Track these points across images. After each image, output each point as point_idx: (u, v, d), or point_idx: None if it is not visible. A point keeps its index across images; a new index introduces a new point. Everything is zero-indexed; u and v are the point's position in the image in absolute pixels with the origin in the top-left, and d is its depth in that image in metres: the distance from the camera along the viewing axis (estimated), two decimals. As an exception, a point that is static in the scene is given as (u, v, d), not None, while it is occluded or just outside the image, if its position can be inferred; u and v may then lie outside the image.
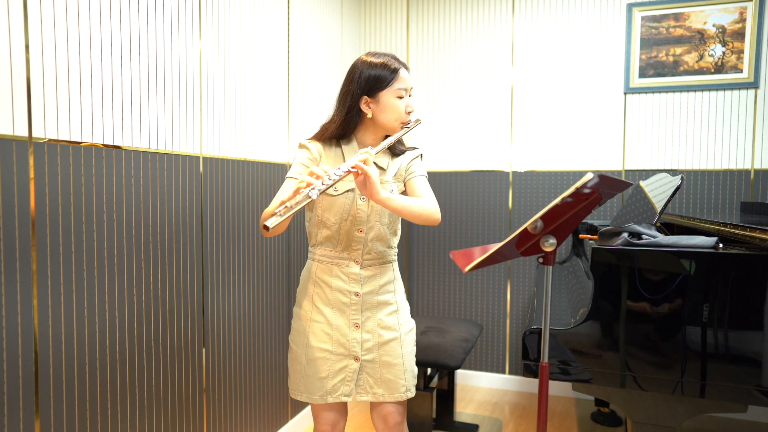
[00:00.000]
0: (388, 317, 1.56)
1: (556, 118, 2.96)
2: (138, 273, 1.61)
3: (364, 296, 1.54)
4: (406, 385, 1.57)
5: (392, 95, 1.50)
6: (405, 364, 1.57)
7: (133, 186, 1.58)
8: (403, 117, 1.52)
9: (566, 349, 1.48)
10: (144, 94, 1.61)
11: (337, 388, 1.54)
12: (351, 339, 1.54)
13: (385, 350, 1.55)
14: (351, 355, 1.54)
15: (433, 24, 3.17)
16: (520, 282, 3.07)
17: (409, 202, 1.42)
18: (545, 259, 1.23)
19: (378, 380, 1.55)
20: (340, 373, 1.55)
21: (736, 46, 2.65)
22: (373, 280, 1.55)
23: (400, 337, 1.57)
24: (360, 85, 1.50)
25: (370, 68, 1.51)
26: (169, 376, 1.74)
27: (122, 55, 1.53)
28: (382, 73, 1.49)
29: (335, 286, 1.54)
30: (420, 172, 1.60)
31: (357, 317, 1.54)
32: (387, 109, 1.51)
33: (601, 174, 1.09)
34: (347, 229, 1.52)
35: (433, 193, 1.58)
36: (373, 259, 1.55)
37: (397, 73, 1.50)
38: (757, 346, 1.33)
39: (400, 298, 1.62)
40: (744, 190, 2.68)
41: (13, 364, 1.26)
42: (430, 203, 1.49)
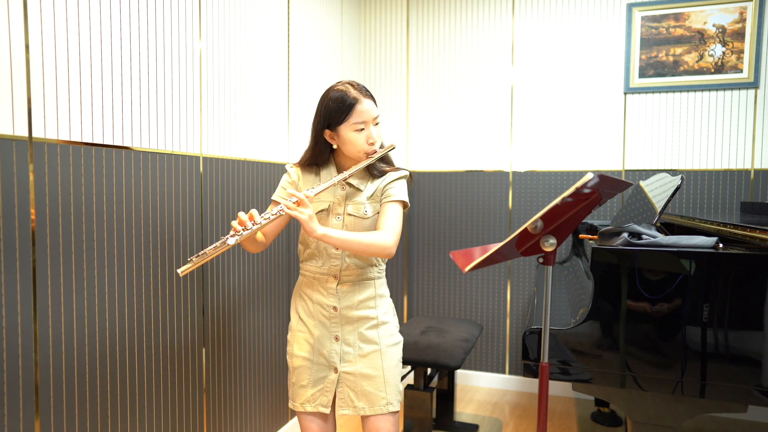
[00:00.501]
0: (368, 331, 1.59)
1: (556, 118, 2.96)
2: (138, 273, 1.61)
3: (342, 311, 1.58)
4: (387, 398, 1.56)
5: (350, 129, 1.50)
6: (386, 376, 1.56)
7: (133, 186, 1.58)
8: (366, 148, 1.52)
9: (566, 349, 1.48)
10: (144, 94, 1.61)
11: (316, 398, 1.59)
12: (330, 350, 1.58)
13: (365, 363, 1.57)
14: (330, 366, 1.59)
15: (433, 24, 3.17)
16: (520, 282, 3.07)
17: (350, 239, 1.43)
18: (545, 259, 1.23)
19: (359, 393, 1.57)
20: (319, 382, 1.59)
21: (736, 46, 2.65)
22: (350, 296, 1.58)
23: (380, 349, 1.58)
24: (321, 118, 1.53)
25: (328, 101, 1.52)
26: (169, 376, 1.74)
27: (122, 55, 1.53)
28: (337, 107, 1.50)
29: (316, 300, 1.60)
30: (395, 196, 1.56)
31: (337, 330, 1.59)
32: (347, 142, 1.52)
33: (601, 174, 1.09)
34: (324, 246, 1.57)
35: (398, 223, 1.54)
36: (351, 275, 1.58)
37: (352, 107, 1.49)
38: (757, 346, 1.33)
39: (383, 313, 1.61)
40: (744, 190, 2.68)
41: (13, 364, 1.26)
42: (377, 237, 1.47)
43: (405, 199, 1.57)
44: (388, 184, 1.58)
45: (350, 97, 1.50)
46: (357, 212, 1.57)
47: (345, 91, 1.51)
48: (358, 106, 1.49)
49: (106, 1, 1.47)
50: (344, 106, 1.49)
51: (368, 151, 1.53)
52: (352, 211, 1.57)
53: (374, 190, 1.59)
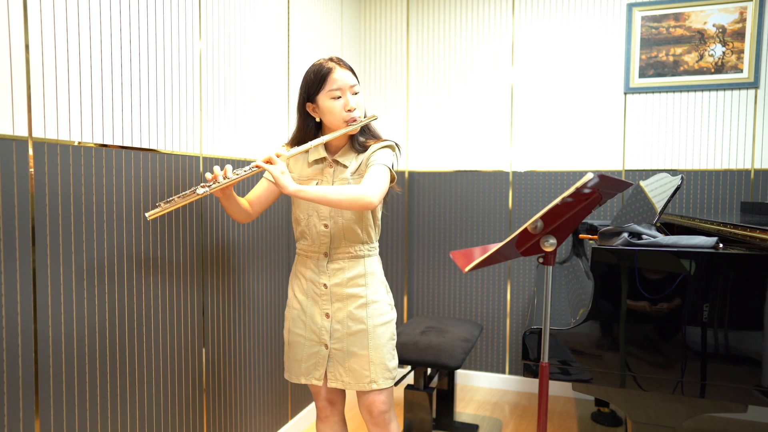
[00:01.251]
0: (357, 310, 1.62)
1: (556, 118, 2.96)
2: (138, 273, 1.61)
3: (332, 288, 1.62)
4: (370, 376, 1.61)
5: (326, 97, 1.54)
6: (371, 355, 1.61)
7: (133, 186, 1.58)
8: (345, 116, 1.55)
9: (566, 349, 1.48)
10: (144, 94, 1.61)
11: (309, 371, 1.67)
12: (321, 327, 1.64)
13: (352, 341, 1.62)
14: (321, 342, 1.65)
15: (433, 24, 3.17)
16: (520, 282, 3.07)
17: (325, 192, 1.42)
18: (545, 259, 1.23)
19: (346, 369, 1.63)
20: (311, 357, 1.66)
21: (736, 46, 2.65)
22: (340, 273, 1.62)
23: (367, 329, 1.62)
24: (302, 92, 1.59)
25: (306, 75, 1.58)
26: (169, 376, 1.74)
27: (122, 55, 1.53)
28: (313, 78, 1.55)
29: (308, 277, 1.66)
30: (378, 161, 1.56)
31: (327, 307, 1.64)
32: (326, 111, 1.56)
33: (601, 174, 1.09)
34: (314, 223, 1.61)
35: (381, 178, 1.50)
36: (342, 253, 1.62)
37: (327, 75, 1.53)
38: (757, 346, 1.33)
39: (373, 292, 1.64)
40: (744, 190, 2.68)
41: (13, 364, 1.26)
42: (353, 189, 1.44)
43: (388, 164, 1.56)
44: (371, 155, 1.59)
45: (325, 67, 1.54)
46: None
47: (321, 62, 1.56)
48: (332, 74, 1.53)
49: (106, 1, 1.47)
50: (320, 75, 1.54)
51: (347, 119, 1.55)
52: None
53: (359, 164, 1.61)
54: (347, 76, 1.55)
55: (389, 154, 1.61)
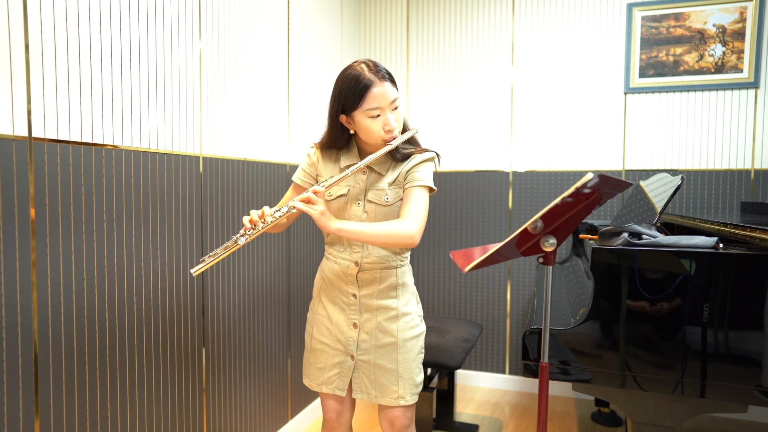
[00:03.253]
0: (387, 322, 1.54)
1: (556, 118, 2.95)
2: (138, 273, 1.61)
3: (362, 298, 1.54)
4: (399, 392, 1.53)
5: (364, 116, 1.41)
6: (400, 370, 1.53)
7: (133, 186, 1.58)
8: (383, 135, 1.43)
9: (566, 349, 1.48)
10: (144, 94, 1.61)
11: (332, 381, 1.58)
12: (348, 337, 1.56)
13: (381, 354, 1.54)
14: (347, 353, 1.56)
15: (433, 24, 3.17)
16: (520, 282, 3.07)
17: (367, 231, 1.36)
18: (545, 259, 1.23)
19: (373, 382, 1.55)
20: (335, 367, 1.58)
21: (736, 46, 2.65)
22: (371, 284, 1.54)
23: (397, 342, 1.54)
24: (337, 102, 1.44)
25: (342, 83, 1.42)
26: (169, 376, 1.74)
27: (122, 55, 1.53)
28: (351, 92, 1.39)
29: (336, 285, 1.57)
30: (419, 181, 1.47)
31: (356, 317, 1.55)
32: (362, 129, 1.44)
33: (601, 174, 1.09)
34: None
35: (422, 209, 1.45)
36: (373, 263, 1.53)
37: (366, 91, 1.38)
38: (757, 346, 1.33)
39: (404, 303, 1.56)
40: (744, 190, 2.68)
41: (13, 365, 1.26)
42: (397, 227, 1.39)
43: (430, 183, 1.48)
44: (412, 168, 1.49)
45: (364, 80, 1.37)
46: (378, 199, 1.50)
47: (359, 73, 1.39)
48: (373, 89, 1.37)
49: (106, 1, 1.47)
50: (358, 90, 1.38)
51: (386, 138, 1.43)
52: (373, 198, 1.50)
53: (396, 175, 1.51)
54: (388, 90, 1.39)
55: (430, 168, 1.50)
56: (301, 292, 2.55)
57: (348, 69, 1.43)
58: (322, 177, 1.55)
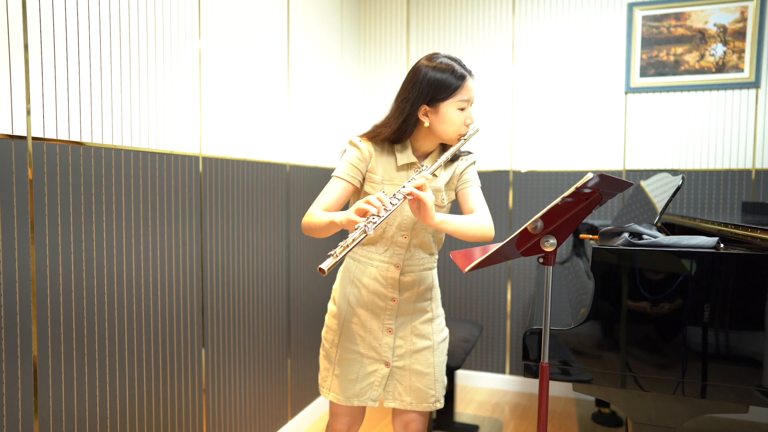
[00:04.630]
0: (423, 325, 1.53)
1: (556, 118, 2.95)
2: (137, 273, 1.60)
3: (402, 302, 1.51)
4: (436, 395, 1.53)
5: (454, 106, 1.39)
6: (436, 374, 1.53)
7: (133, 186, 1.58)
8: (462, 130, 1.43)
9: (567, 350, 1.48)
10: (144, 94, 1.61)
11: (364, 392, 1.52)
12: (383, 344, 1.51)
13: (417, 359, 1.51)
14: (382, 360, 1.51)
15: (433, 24, 3.17)
16: (520, 282, 3.07)
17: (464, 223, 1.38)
18: (545, 260, 1.23)
19: (407, 388, 1.51)
20: (369, 376, 1.52)
21: (737, 46, 2.64)
22: (412, 287, 1.51)
23: (433, 346, 1.53)
24: (422, 92, 1.39)
25: (435, 72, 1.38)
26: (168, 376, 1.74)
27: (121, 54, 1.53)
28: (447, 80, 1.37)
29: (372, 289, 1.51)
30: (474, 181, 1.52)
31: (391, 322, 1.51)
32: (446, 120, 1.40)
33: (601, 174, 1.09)
34: (392, 233, 1.48)
35: (486, 204, 1.50)
36: (414, 266, 1.51)
37: (463, 81, 1.38)
38: (758, 347, 1.33)
39: (436, 305, 1.58)
40: (745, 190, 2.68)
41: (12, 365, 1.26)
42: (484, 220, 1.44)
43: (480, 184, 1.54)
44: (465, 170, 1.53)
45: (461, 70, 1.39)
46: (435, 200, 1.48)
47: (452, 65, 1.39)
48: (467, 82, 1.39)
49: (105, 1, 1.47)
50: (453, 79, 1.37)
51: (462, 133, 1.43)
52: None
53: (450, 176, 1.51)
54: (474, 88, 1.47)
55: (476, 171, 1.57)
56: (301, 292, 2.55)
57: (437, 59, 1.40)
58: (376, 174, 1.47)
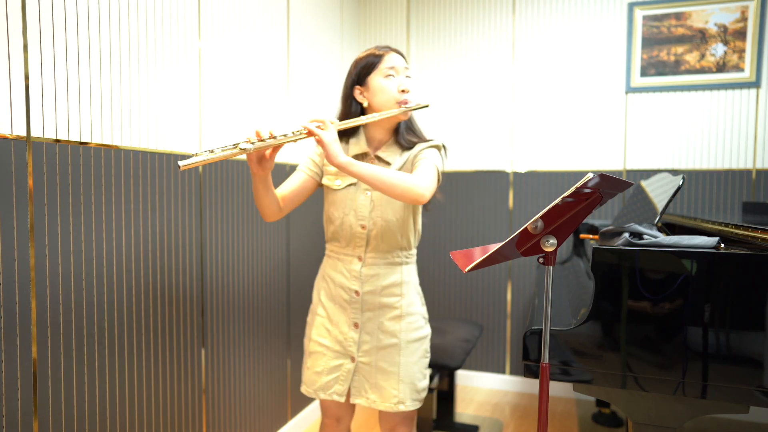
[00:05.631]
0: (390, 322, 1.51)
1: (556, 118, 2.95)
2: (137, 273, 1.60)
3: (364, 295, 1.50)
4: (398, 396, 1.48)
5: (380, 76, 1.47)
6: (401, 374, 1.49)
7: (132, 186, 1.58)
8: (397, 96, 1.46)
9: (567, 350, 1.47)
10: (144, 94, 1.61)
11: (330, 386, 1.52)
12: (349, 338, 1.52)
13: (382, 355, 1.50)
14: (347, 354, 1.52)
15: (433, 24, 3.17)
16: (520, 282, 3.07)
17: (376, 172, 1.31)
18: (546, 260, 1.23)
19: (373, 385, 1.51)
20: (335, 370, 1.53)
21: (737, 46, 2.64)
22: (374, 280, 1.50)
23: (400, 344, 1.50)
24: (353, 77, 1.51)
25: (357, 60, 1.52)
26: (168, 376, 1.73)
27: (121, 54, 1.53)
28: (368, 59, 1.50)
29: (338, 282, 1.53)
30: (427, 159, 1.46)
31: (357, 316, 1.51)
32: (377, 91, 1.47)
33: (601, 174, 1.09)
34: (350, 224, 1.49)
35: (433, 176, 1.42)
36: (377, 258, 1.50)
37: (383, 56, 1.48)
38: (758, 347, 1.32)
39: (408, 303, 1.53)
40: (746, 190, 2.67)
41: (12, 364, 1.26)
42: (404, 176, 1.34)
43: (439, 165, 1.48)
44: (419, 153, 1.50)
45: (379, 50, 1.50)
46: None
47: (374, 48, 1.52)
48: (387, 55, 1.49)
49: (105, 1, 1.47)
50: (373, 57, 1.49)
51: (399, 100, 1.46)
52: None
53: (404, 162, 1.51)
54: (401, 60, 1.50)
55: (438, 155, 1.51)
56: (301, 292, 2.55)
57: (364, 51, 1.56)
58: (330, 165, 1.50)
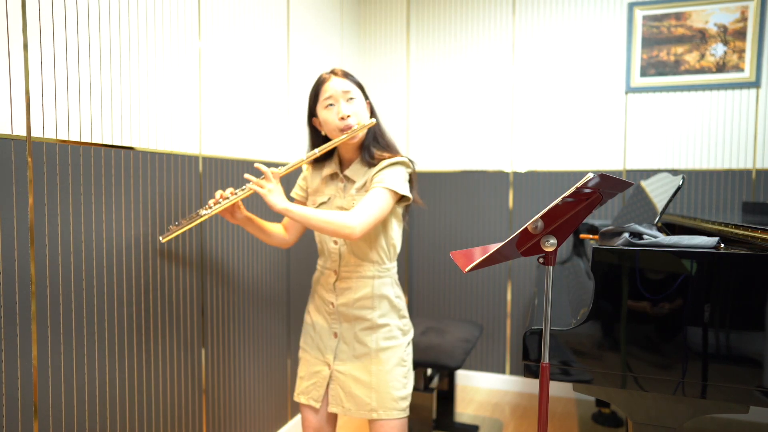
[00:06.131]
0: (363, 332, 1.57)
1: (556, 118, 2.95)
2: (137, 273, 1.60)
3: (339, 307, 1.58)
4: (371, 405, 1.52)
5: (322, 108, 1.54)
6: (373, 382, 1.53)
7: (132, 186, 1.58)
8: (339, 124, 1.51)
9: (567, 350, 1.47)
10: (143, 94, 1.61)
11: (309, 391, 1.62)
12: (327, 346, 1.61)
13: (357, 365, 1.56)
14: (325, 361, 1.60)
15: (433, 24, 3.17)
16: (520, 282, 3.07)
17: (310, 215, 1.40)
18: (546, 260, 1.23)
19: (348, 394, 1.56)
20: (314, 376, 1.62)
21: (737, 46, 2.64)
22: (347, 293, 1.58)
23: (370, 354, 1.55)
24: (309, 108, 1.60)
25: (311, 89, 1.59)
26: (168, 376, 1.73)
27: (121, 54, 1.53)
28: (313, 89, 1.57)
29: (320, 294, 1.64)
30: (379, 183, 1.48)
31: (336, 326, 1.60)
32: (324, 122, 1.54)
33: (601, 174, 1.09)
34: (325, 240, 1.60)
35: (372, 206, 1.44)
36: (350, 272, 1.57)
37: (321, 86, 1.53)
38: (758, 347, 1.32)
39: (379, 315, 1.56)
40: (746, 190, 2.68)
41: (12, 365, 1.26)
42: (338, 217, 1.39)
43: (392, 186, 1.47)
44: (377, 172, 1.51)
45: (321, 78, 1.55)
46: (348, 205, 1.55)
47: (321, 75, 1.57)
48: (325, 84, 1.53)
49: (105, 1, 1.47)
50: (315, 88, 1.55)
51: (341, 127, 1.51)
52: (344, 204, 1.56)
53: (364, 180, 1.54)
54: (340, 83, 1.51)
55: (397, 172, 1.51)
56: (301, 293, 2.55)
57: None
58: (310, 188, 1.68)
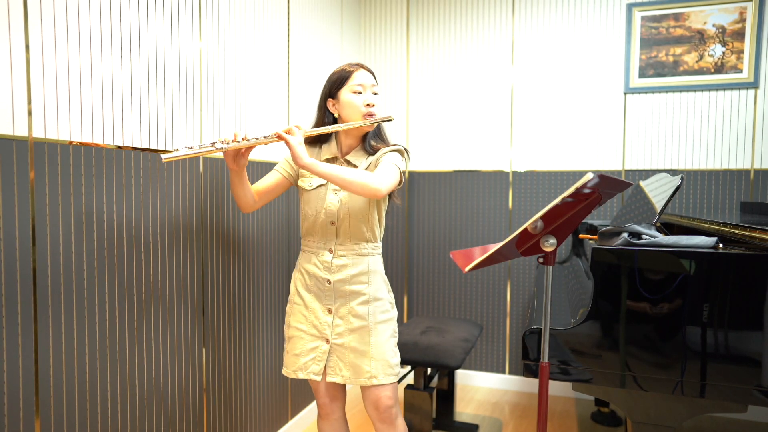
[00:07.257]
0: (359, 306, 1.66)
1: (556, 118, 2.96)
2: (138, 273, 1.61)
3: (335, 284, 1.66)
4: (371, 372, 1.64)
5: (349, 91, 1.65)
6: (372, 352, 1.64)
7: (133, 186, 1.58)
8: (363, 110, 1.64)
9: (566, 349, 1.48)
10: (144, 94, 1.61)
11: (308, 366, 1.69)
12: (323, 322, 1.68)
13: (354, 337, 1.66)
14: (322, 337, 1.68)
15: (433, 24, 3.17)
16: (520, 282, 3.07)
17: (336, 171, 1.47)
18: (545, 259, 1.23)
19: (347, 364, 1.66)
20: (311, 352, 1.69)
21: (736, 46, 2.65)
22: (344, 270, 1.66)
23: (369, 326, 1.65)
24: (326, 90, 1.70)
25: (331, 74, 1.71)
26: (169, 376, 1.74)
27: (122, 54, 1.53)
28: (340, 74, 1.67)
29: (312, 273, 1.69)
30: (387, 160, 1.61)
31: (330, 303, 1.67)
32: (346, 105, 1.65)
33: (601, 174, 1.09)
34: (322, 220, 1.66)
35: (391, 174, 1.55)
36: (346, 250, 1.66)
37: (351, 73, 1.66)
38: (757, 346, 1.33)
39: (375, 289, 1.68)
40: (744, 190, 2.68)
41: (14, 365, 1.26)
42: (363, 174, 1.49)
43: (399, 164, 1.62)
44: (381, 156, 1.66)
45: (350, 67, 1.68)
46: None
47: (346, 65, 1.69)
48: (356, 72, 1.66)
49: (106, 1, 1.47)
50: (344, 73, 1.66)
51: (365, 113, 1.64)
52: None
53: (368, 165, 1.67)
54: (368, 77, 1.67)
55: (399, 157, 1.67)
56: (301, 292, 2.55)
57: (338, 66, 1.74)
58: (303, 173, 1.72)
